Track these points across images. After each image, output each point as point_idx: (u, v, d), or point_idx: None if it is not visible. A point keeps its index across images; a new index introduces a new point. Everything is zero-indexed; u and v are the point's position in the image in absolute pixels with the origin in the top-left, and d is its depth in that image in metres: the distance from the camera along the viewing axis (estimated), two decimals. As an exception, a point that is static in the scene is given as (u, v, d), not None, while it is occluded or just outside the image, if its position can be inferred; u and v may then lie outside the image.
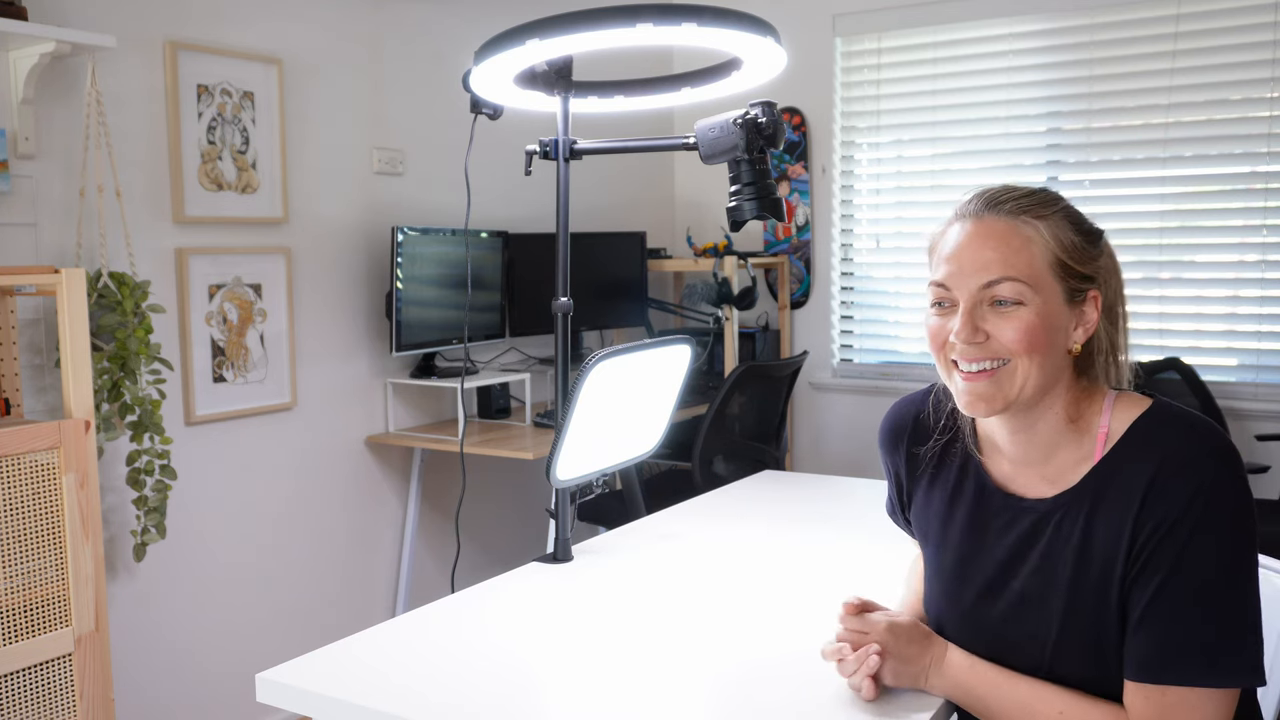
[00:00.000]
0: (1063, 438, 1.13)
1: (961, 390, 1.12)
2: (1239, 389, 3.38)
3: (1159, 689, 1.03)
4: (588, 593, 1.53)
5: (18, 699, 1.91)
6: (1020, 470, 1.17)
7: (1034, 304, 1.08)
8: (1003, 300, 1.09)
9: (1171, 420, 1.08)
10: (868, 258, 4.04)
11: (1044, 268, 1.09)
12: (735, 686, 1.20)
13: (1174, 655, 1.02)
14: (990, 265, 1.09)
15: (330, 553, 3.02)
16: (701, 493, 2.15)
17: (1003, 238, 1.10)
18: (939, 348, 1.14)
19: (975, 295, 1.10)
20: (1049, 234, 1.11)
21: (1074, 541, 1.09)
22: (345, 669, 1.25)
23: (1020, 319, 1.08)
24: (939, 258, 1.15)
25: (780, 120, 1.52)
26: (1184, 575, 1.02)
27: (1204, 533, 1.01)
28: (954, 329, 1.10)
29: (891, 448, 1.31)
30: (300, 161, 2.86)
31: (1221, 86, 3.34)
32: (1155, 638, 1.03)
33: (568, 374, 1.66)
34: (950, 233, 1.15)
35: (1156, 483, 1.03)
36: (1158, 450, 1.05)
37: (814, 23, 3.98)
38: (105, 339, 2.29)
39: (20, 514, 1.90)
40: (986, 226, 1.11)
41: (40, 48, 2.14)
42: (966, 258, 1.11)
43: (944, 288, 1.13)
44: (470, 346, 3.43)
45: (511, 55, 1.47)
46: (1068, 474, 1.13)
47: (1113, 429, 1.11)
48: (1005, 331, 1.08)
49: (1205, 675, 1.01)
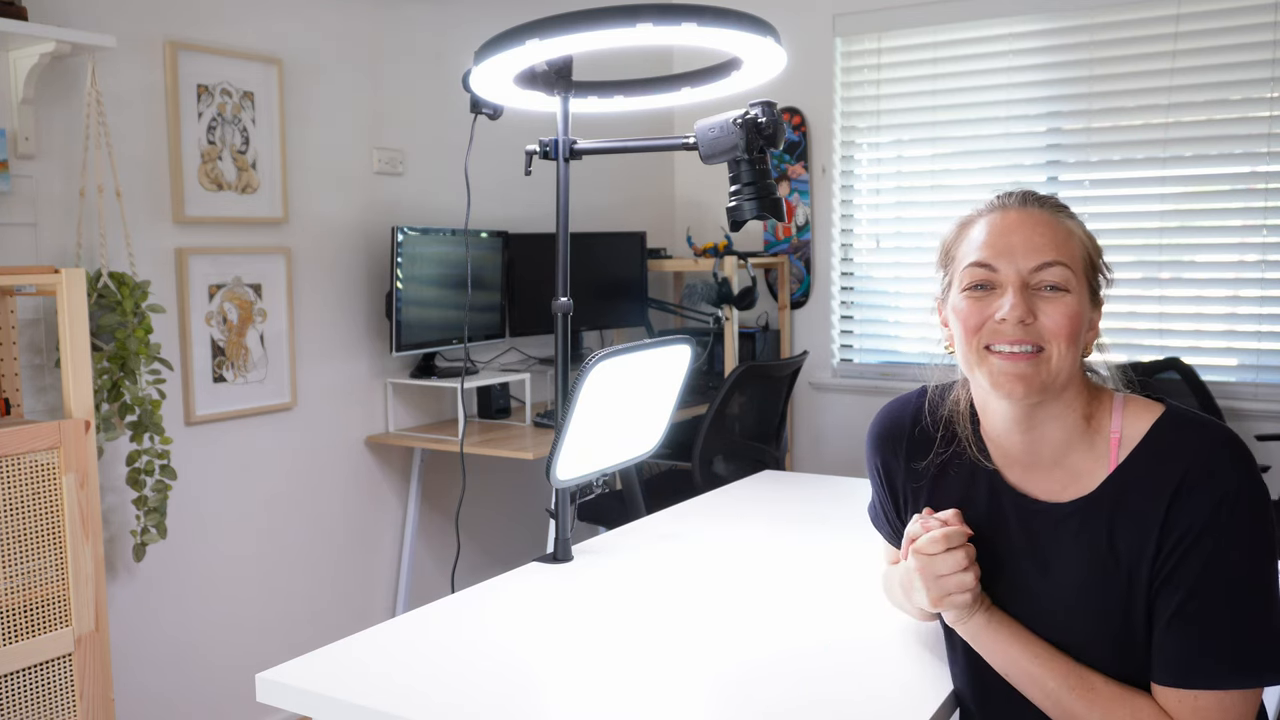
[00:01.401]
0: (1075, 438, 1.12)
1: (999, 371, 1.09)
2: (1239, 389, 3.38)
3: (1191, 693, 1.03)
4: (588, 593, 1.53)
5: (18, 699, 1.91)
6: (1031, 474, 1.16)
7: (1076, 294, 1.09)
8: (1052, 285, 1.09)
9: (1187, 426, 1.08)
10: (868, 258, 4.04)
11: (1080, 262, 1.11)
12: (735, 686, 1.20)
13: (1204, 660, 1.03)
14: (1043, 249, 1.09)
15: (330, 553, 3.02)
16: (701, 493, 2.15)
17: (1050, 226, 1.11)
18: (973, 331, 1.11)
19: (1025, 276, 1.09)
20: (1083, 233, 1.13)
21: (1097, 545, 1.09)
22: (345, 669, 1.25)
23: (1067, 305, 1.08)
24: (972, 245, 1.13)
25: (780, 120, 1.52)
26: (1211, 582, 1.03)
27: (1229, 539, 1.02)
28: (1002, 308, 1.09)
29: (889, 453, 1.28)
30: (300, 161, 2.86)
31: (1221, 86, 3.34)
32: (1185, 643, 1.04)
33: (568, 374, 1.66)
34: (981, 223, 1.14)
35: (1181, 492, 1.04)
36: (1180, 459, 1.05)
37: (814, 23, 3.98)
38: (105, 339, 2.29)
39: (20, 514, 1.90)
40: (1032, 215, 1.12)
41: (40, 48, 2.14)
42: (1018, 240, 1.10)
43: (989, 268, 1.11)
44: (470, 346, 3.43)
45: (511, 55, 1.47)
46: (1083, 478, 1.12)
47: (1126, 433, 1.10)
48: (1053, 316, 1.08)
49: (1236, 678, 1.02)
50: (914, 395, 1.29)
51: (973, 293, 1.12)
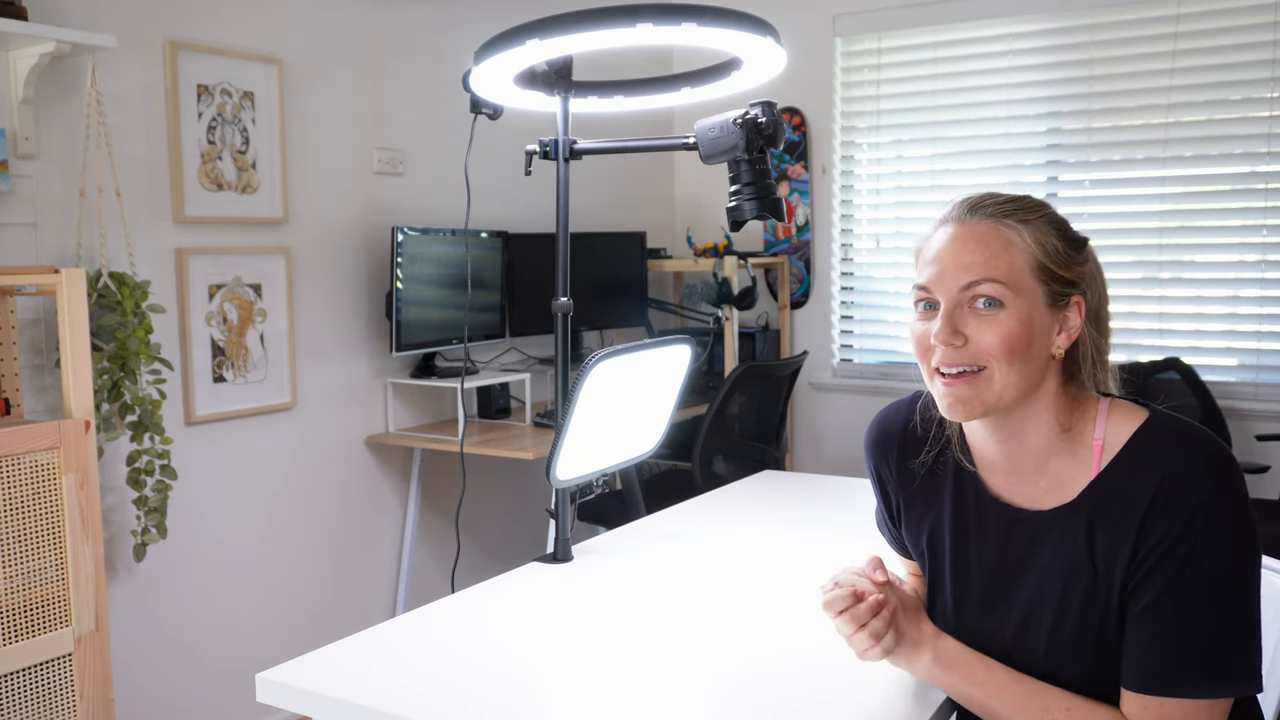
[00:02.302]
0: (1055, 447, 1.12)
1: (942, 394, 1.12)
2: (1239, 389, 3.38)
3: (1156, 700, 1.03)
4: (588, 593, 1.52)
5: (18, 699, 1.91)
6: (1014, 481, 1.16)
7: (1015, 307, 1.08)
8: (985, 301, 1.08)
9: (1169, 434, 1.08)
10: (868, 258, 4.04)
11: (1025, 271, 1.09)
12: (735, 686, 1.20)
13: (1173, 668, 1.02)
14: (971, 267, 1.09)
15: (330, 553, 3.02)
16: (701, 493, 2.15)
17: (983, 240, 1.10)
18: (923, 353, 1.14)
19: (955, 297, 1.10)
20: (1030, 238, 1.10)
21: (1075, 552, 1.09)
22: (345, 669, 1.25)
23: (999, 324, 1.08)
24: (923, 261, 1.15)
25: (780, 120, 1.52)
26: (1183, 589, 1.02)
27: (1204, 547, 1.01)
28: (934, 330, 1.11)
29: (880, 459, 1.29)
30: (300, 161, 2.86)
31: (1221, 86, 3.34)
32: (1154, 650, 1.03)
33: (568, 374, 1.65)
34: (934, 237, 1.15)
35: (1158, 500, 1.03)
36: (1158, 467, 1.05)
37: (814, 23, 3.99)
38: (105, 339, 2.29)
39: (20, 514, 1.90)
40: (968, 230, 1.12)
41: (40, 48, 2.14)
42: (948, 259, 1.11)
43: (926, 290, 1.13)
44: (470, 346, 3.43)
45: (511, 55, 1.47)
46: (1066, 486, 1.12)
47: (1109, 440, 1.10)
48: (984, 336, 1.08)
49: (1203, 688, 1.01)
50: (906, 401, 1.29)
51: (920, 312, 1.15)
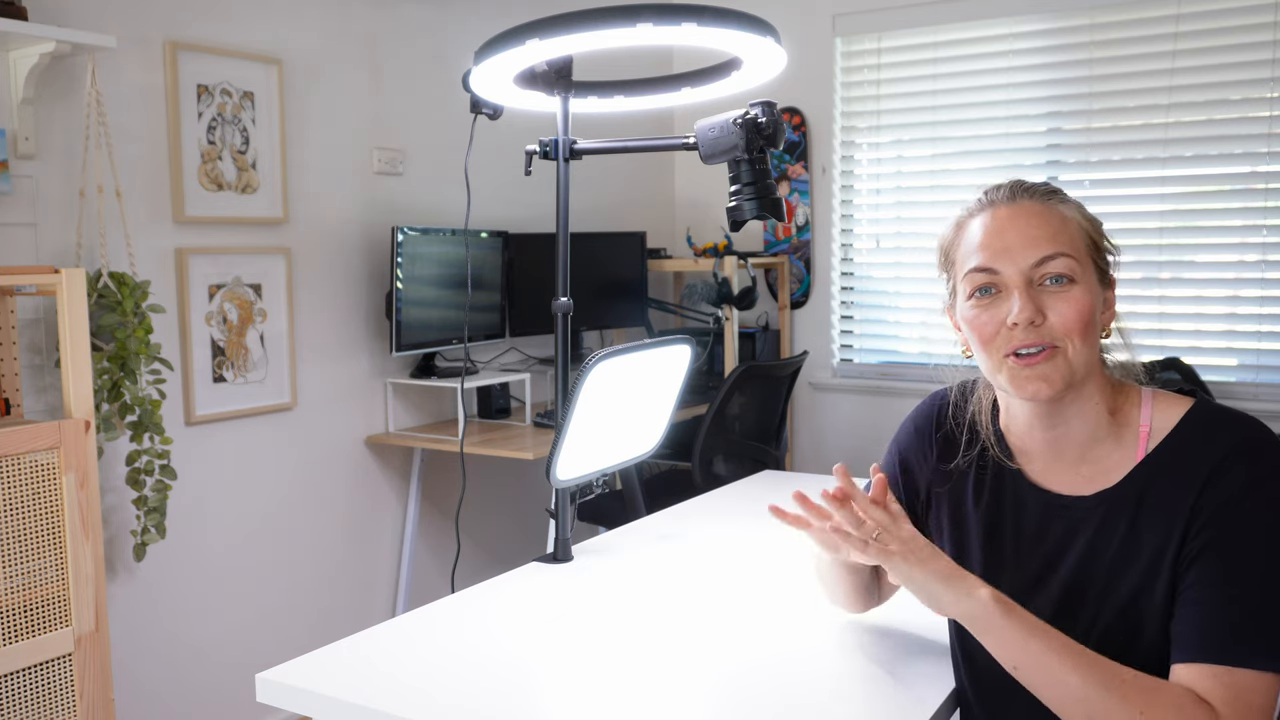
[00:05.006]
0: (1101, 431, 1.12)
1: (1020, 375, 1.08)
2: (1239, 389, 3.38)
3: (1226, 670, 0.99)
4: (588, 593, 1.53)
5: (18, 699, 1.91)
6: (1055, 469, 1.15)
7: (1084, 282, 1.08)
8: (1054, 278, 1.07)
9: (1227, 414, 1.08)
10: (868, 258, 4.04)
11: (1082, 246, 1.09)
12: (735, 686, 1.20)
13: (1244, 635, 0.99)
14: (1040, 241, 1.07)
15: (330, 553, 3.02)
16: (701, 493, 2.15)
17: (1044, 217, 1.09)
18: (988, 341, 1.10)
19: (1028, 273, 1.08)
20: (1080, 215, 1.11)
21: (1119, 537, 1.08)
22: (345, 669, 1.25)
23: (1074, 299, 1.06)
24: (969, 248, 1.12)
25: (780, 120, 1.52)
26: (1249, 555, 1.00)
27: (1268, 516, 1.00)
28: (1012, 313, 1.07)
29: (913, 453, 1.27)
30: (300, 161, 2.86)
31: (1221, 86, 3.34)
32: (1222, 617, 1.00)
33: (568, 374, 1.66)
34: (975, 223, 1.13)
35: (1214, 476, 1.02)
36: (1215, 446, 1.04)
37: (814, 23, 3.98)
38: (105, 339, 2.29)
39: (20, 514, 1.90)
40: (1025, 209, 1.10)
41: (40, 48, 2.14)
42: (1013, 237, 1.08)
43: (990, 271, 1.09)
44: (470, 346, 3.43)
45: (511, 55, 1.47)
46: (1110, 471, 1.11)
47: (1155, 426, 1.09)
48: (1062, 312, 1.06)
49: (1274, 658, 0.98)
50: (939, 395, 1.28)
51: (979, 299, 1.11)
